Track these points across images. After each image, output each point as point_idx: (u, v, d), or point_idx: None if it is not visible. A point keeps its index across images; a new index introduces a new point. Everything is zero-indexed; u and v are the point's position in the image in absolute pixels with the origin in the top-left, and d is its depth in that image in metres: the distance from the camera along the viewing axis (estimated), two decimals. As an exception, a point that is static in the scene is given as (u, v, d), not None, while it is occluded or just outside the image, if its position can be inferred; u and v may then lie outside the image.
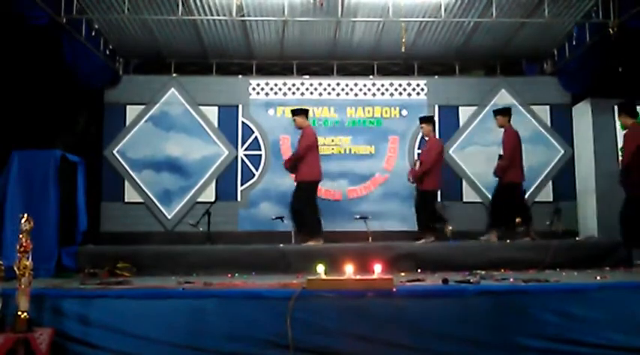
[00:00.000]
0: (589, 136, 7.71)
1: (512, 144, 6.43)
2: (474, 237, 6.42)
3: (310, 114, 8.18)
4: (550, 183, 8.17)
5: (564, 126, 8.20)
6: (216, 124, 8.23)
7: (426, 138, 7.02)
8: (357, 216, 6.65)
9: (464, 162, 8.22)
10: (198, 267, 5.28)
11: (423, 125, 6.90)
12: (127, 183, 7.99)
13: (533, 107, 8.31)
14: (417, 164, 6.87)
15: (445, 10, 6.84)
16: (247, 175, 8.16)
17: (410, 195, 7.91)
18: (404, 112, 8.31)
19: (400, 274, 4.78)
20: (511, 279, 4.16)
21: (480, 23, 7.33)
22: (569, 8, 6.98)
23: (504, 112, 6.67)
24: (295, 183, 6.44)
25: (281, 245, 6.02)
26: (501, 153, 6.52)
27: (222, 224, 7.50)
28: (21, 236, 3.20)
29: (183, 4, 6.71)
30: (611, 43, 6.56)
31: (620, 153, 7.65)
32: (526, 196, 7.23)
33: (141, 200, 7.94)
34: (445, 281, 3.80)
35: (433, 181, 6.72)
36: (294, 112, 6.70)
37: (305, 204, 6.28)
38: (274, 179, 8.08)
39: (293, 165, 6.43)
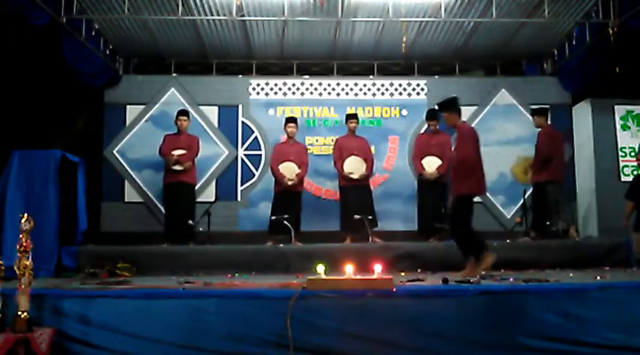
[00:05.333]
0: (589, 136, 7.71)
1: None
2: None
3: (310, 114, 8.29)
4: (550, 183, 8.15)
5: (564, 126, 8.18)
6: (216, 124, 8.22)
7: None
8: (358, 216, 6.62)
9: (464, 162, 8.19)
10: (198, 267, 5.29)
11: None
12: (127, 183, 7.97)
13: (534, 107, 8.28)
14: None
15: (445, 10, 6.84)
16: (247, 175, 8.15)
17: (411, 195, 7.90)
18: (404, 112, 8.31)
19: (400, 274, 4.79)
20: (511, 279, 4.16)
21: (480, 23, 7.32)
22: (569, 8, 6.98)
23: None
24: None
25: (281, 245, 6.03)
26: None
27: (222, 224, 7.49)
28: (21, 236, 3.20)
29: (183, 4, 6.71)
30: (611, 43, 6.55)
31: (619, 153, 7.70)
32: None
33: (141, 200, 7.92)
34: (445, 281, 3.80)
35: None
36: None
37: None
38: (274, 179, 8.06)
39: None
